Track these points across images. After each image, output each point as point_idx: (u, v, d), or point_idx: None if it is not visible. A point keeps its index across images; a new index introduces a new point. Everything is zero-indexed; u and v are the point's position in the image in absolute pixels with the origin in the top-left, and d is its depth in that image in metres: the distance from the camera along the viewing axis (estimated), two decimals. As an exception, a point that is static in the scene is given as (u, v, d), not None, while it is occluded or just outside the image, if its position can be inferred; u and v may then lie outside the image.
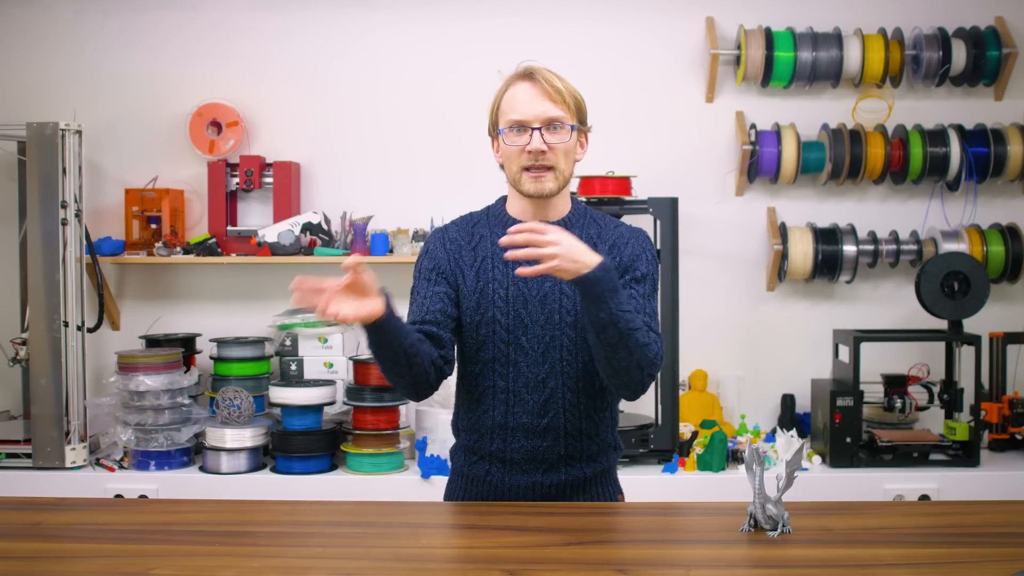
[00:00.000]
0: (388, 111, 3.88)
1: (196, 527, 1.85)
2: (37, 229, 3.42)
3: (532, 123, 1.99)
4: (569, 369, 2.02)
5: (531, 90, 2.00)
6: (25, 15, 3.90)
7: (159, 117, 3.86)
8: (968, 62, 3.71)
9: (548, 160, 1.99)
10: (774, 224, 3.77)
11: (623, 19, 3.85)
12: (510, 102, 2.02)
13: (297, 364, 3.68)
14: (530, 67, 2.02)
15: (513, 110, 2.00)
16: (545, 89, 1.99)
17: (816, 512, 1.90)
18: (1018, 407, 3.55)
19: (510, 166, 2.04)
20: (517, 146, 2.00)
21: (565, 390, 2.03)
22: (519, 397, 2.03)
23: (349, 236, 3.69)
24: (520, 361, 2.02)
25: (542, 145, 1.98)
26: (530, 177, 2.01)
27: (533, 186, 2.01)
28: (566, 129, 2.00)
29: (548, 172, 2.00)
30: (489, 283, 2.04)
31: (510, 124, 2.00)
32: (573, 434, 2.04)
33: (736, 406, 3.82)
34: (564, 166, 2.02)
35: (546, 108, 1.99)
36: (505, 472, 2.06)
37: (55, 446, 3.40)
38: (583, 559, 1.65)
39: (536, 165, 2.00)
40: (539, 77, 2.00)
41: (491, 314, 2.03)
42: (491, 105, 2.07)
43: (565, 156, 2.02)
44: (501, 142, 2.03)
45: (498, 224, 2.08)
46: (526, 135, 1.99)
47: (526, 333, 2.02)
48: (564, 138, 2.00)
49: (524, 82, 2.01)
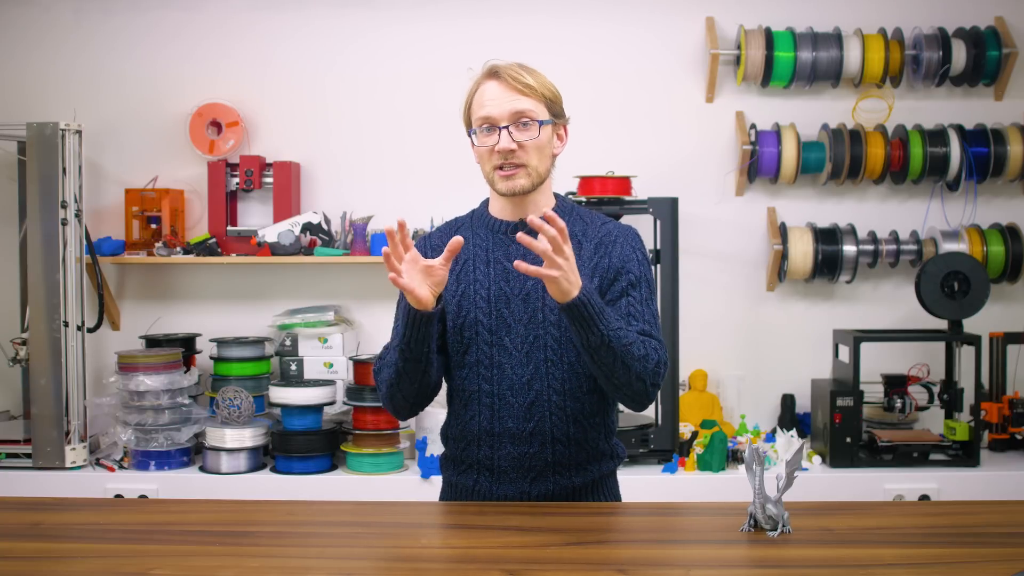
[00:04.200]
0: (388, 111, 3.88)
1: (196, 527, 1.85)
2: (37, 229, 3.42)
3: (500, 121, 1.96)
4: (554, 370, 1.99)
5: (497, 88, 1.98)
6: (25, 15, 3.90)
7: (159, 117, 3.86)
8: (968, 62, 3.71)
9: (519, 158, 1.97)
10: (774, 224, 3.77)
11: (623, 19, 3.85)
12: (478, 101, 2.00)
13: (297, 364, 3.68)
14: (495, 65, 2.00)
15: (481, 109, 1.98)
16: (512, 85, 1.97)
17: (816, 512, 1.90)
18: (1018, 407, 3.55)
19: (483, 166, 2.02)
20: (487, 146, 1.98)
21: (551, 392, 1.99)
22: (504, 401, 2.00)
23: (349, 236, 3.69)
24: (504, 363, 1.99)
25: (511, 144, 1.96)
26: (501, 176, 1.98)
27: (505, 184, 1.99)
28: (535, 125, 1.97)
29: (519, 170, 1.98)
30: (471, 284, 2.02)
31: (479, 123, 1.99)
32: (560, 440, 2.00)
33: (736, 406, 3.83)
34: (537, 162, 1.99)
35: (512, 105, 1.96)
36: (493, 482, 2.03)
37: (55, 446, 3.40)
38: (583, 559, 1.65)
39: (507, 163, 1.97)
40: (504, 74, 1.98)
41: (473, 315, 2.00)
42: (463, 106, 2.05)
43: (538, 152, 1.98)
44: (474, 142, 2.02)
45: (481, 226, 2.07)
46: (495, 135, 1.97)
47: (509, 333, 1.99)
48: (533, 134, 1.97)
49: (490, 80, 1.99)
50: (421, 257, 1.88)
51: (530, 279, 1.98)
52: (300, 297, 3.85)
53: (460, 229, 2.10)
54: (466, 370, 2.02)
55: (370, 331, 3.85)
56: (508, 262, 2.00)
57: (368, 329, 3.85)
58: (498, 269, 2.02)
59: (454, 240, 1.85)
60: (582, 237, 2.04)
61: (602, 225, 2.08)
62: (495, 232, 2.06)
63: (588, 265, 2.01)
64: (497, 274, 2.02)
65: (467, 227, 2.09)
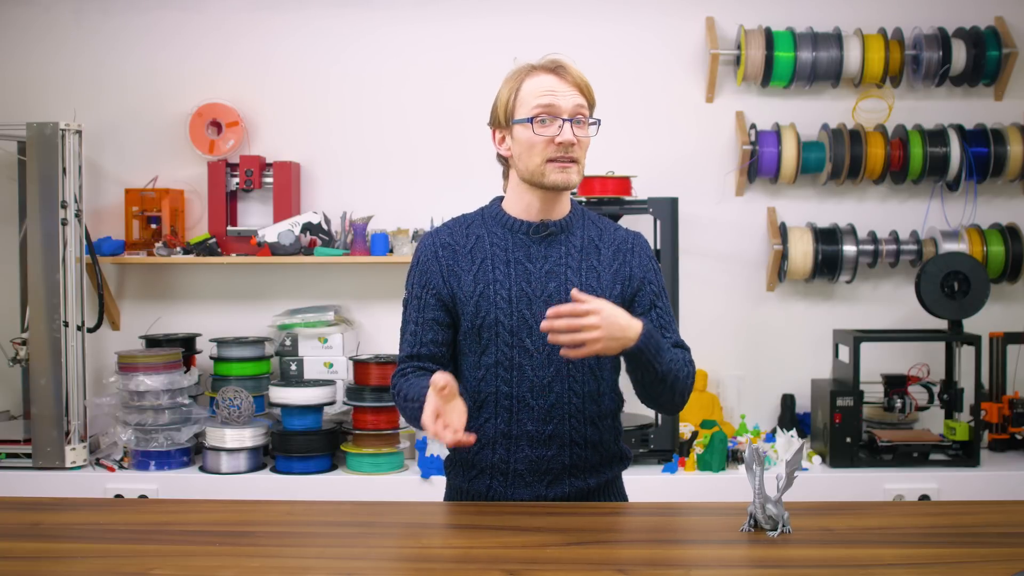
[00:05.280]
0: (388, 111, 3.88)
1: (196, 527, 1.85)
2: (37, 229, 3.42)
3: (564, 113, 1.95)
4: (575, 372, 1.98)
5: (558, 81, 1.96)
6: (25, 15, 3.90)
7: (159, 117, 3.86)
8: (968, 62, 3.71)
9: (575, 153, 1.96)
10: (774, 224, 3.77)
11: (623, 19, 3.85)
12: (535, 91, 1.96)
13: (297, 364, 3.69)
14: (558, 60, 1.98)
15: (541, 98, 1.95)
16: (573, 81, 1.97)
17: (816, 512, 1.90)
18: (1018, 407, 3.55)
19: (531, 157, 1.96)
20: (544, 136, 1.95)
21: (571, 395, 1.99)
22: (524, 403, 1.98)
23: (349, 236, 3.69)
24: (525, 365, 1.97)
25: (573, 137, 1.95)
26: (557, 167, 1.95)
27: (561, 176, 1.96)
28: (589, 123, 1.99)
29: (573, 165, 1.97)
30: (490, 284, 1.98)
31: (537, 113, 1.94)
32: (578, 442, 2.00)
33: (736, 406, 3.83)
34: (583, 161, 2.00)
35: (575, 99, 1.95)
36: (507, 486, 2.01)
37: (55, 446, 3.40)
38: (583, 559, 1.65)
39: (564, 156, 1.95)
40: (568, 70, 1.97)
41: (493, 316, 1.97)
42: (504, 94, 2.00)
43: (585, 152, 2.00)
44: (519, 132, 1.97)
45: (497, 224, 2.04)
46: (554, 126, 1.94)
47: (531, 335, 1.97)
48: (590, 133, 1.99)
49: (550, 75, 1.97)
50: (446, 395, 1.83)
51: (552, 280, 1.98)
52: (300, 297, 3.85)
53: (472, 226, 2.05)
54: (483, 371, 2.00)
55: (370, 331, 3.85)
56: (529, 263, 1.99)
57: (368, 329, 3.85)
58: (519, 270, 2.00)
59: (436, 383, 1.79)
60: (599, 242, 2.04)
61: (615, 231, 2.09)
62: (514, 232, 2.03)
63: (608, 271, 2.02)
64: (518, 275, 1.99)
65: (479, 224, 2.05)
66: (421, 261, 2.04)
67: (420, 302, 2.02)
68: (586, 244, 2.04)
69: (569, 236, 2.03)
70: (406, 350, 2.04)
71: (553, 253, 2.01)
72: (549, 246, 2.01)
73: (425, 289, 2.02)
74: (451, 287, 2.00)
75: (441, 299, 2.01)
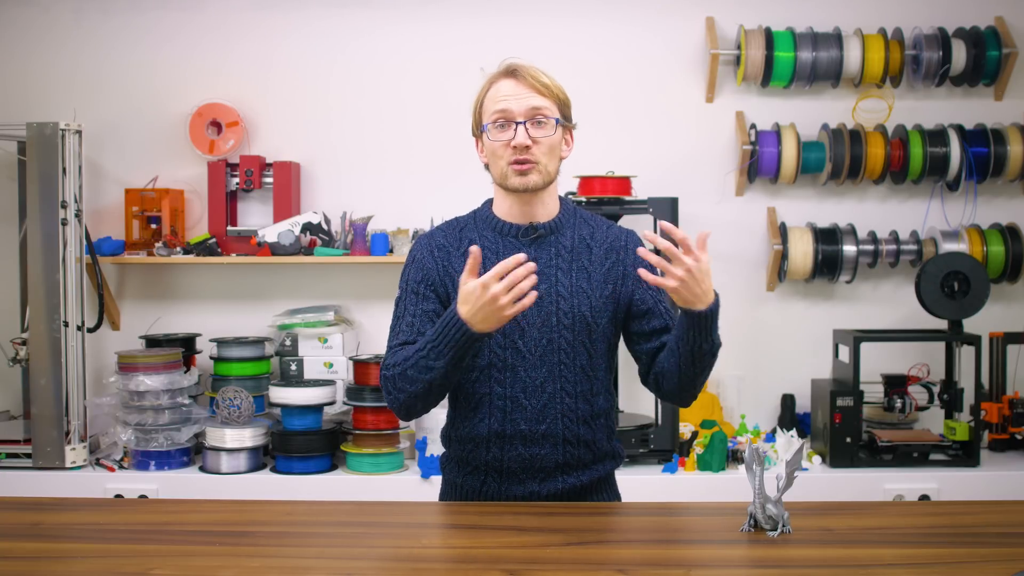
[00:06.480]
0: (388, 111, 3.88)
1: (196, 527, 1.85)
2: (37, 229, 3.42)
3: (516, 117, 1.97)
4: (567, 372, 2.00)
5: (514, 85, 1.98)
6: (25, 15, 3.90)
7: (159, 117, 3.86)
8: (968, 62, 3.71)
9: (532, 155, 1.97)
10: (774, 224, 3.77)
11: (623, 18, 3.85)
12: (494, 98, 2.00)
13: (297, 364, 3.69)
14: (513, 64, 2.01)
15: (497, 104, 1.98)
16: (529, 83, 1.98)
17: (816, 512, 1.90)
18: (1018, 407, 3.55)
19: (496, 163, 2.01)
20: (501, 141, 1.98)
21: (563, 395, 2.00)
22: (517, 403, 2.00)
23: (349, 236, 3.69)
24: (518, 365, 1.99)
25: (527, 139, 1.96)
26: (516, 170, 1.98)
27: (519, 180, 1.98)
28: (550, 123, 1.98)
29: (532, 166, 1.98)
30: None
31: (494, 119, 1.98)
32: (571, 441, 2.01)
33: (736, 406, 3.82)
34: (547, 161, 2.00)
35: (529, 101, 1.97)
36: (501, 483, 2.03)
37: (55, 446, 3.40)
38: (583, 559, 1.65)
39: (521, 159, 1.97)
40: (522, 72, 1.99)
41: None
42: (474, 103, 2.05)
43: (549, 151, 2.00)
44: (485, 139, 2.02)
45: (487, 227, 2.06)
46: (510, 130, 1.97)
47: (523, 336, 1.99)
48: (548, 132, 1.98)
49: (507, 78, 2.00)
50: None
51: (542, 283, 1.97)
52: (300, 297, 3.85)
53: (464, 229, 2.08)
54: (477, 373, 2.01)
55: (370, 331, 3.85)
56: None
57: (368, 329, 3.85)
58: None
59: (474, 252, 1.83)
60: (591, 241, 2.06)
61: (608, 228, 2.10)
62: (503, 235, 2.05)
63: (600, 270, 2.03)
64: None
65: (471, 228, 2.08)
66: (417, 259, 2.06)
67: (417, 296, 2.03)
68: (577, 244, 2.05)
69: (559, 237, 2.05)
70: (400, 338, 2.01)
71: (543, 255, 2.02)
72: (539, 248, 2.03)
73: (423, 283, 2.03)
74: (446, 287, 2.02)
75: (438, 294, 2.03)
